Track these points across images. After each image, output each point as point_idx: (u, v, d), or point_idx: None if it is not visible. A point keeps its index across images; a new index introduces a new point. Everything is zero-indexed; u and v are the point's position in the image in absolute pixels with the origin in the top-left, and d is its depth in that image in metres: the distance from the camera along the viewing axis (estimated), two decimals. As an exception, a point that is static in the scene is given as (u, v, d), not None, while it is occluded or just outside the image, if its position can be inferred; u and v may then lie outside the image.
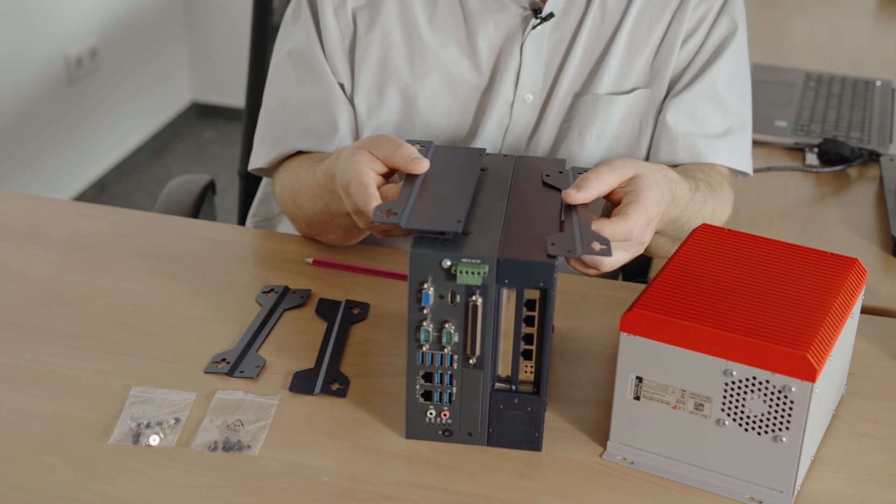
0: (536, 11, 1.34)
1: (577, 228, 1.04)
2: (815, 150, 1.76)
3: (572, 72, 1.37)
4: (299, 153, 1.39)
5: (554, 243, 1.01)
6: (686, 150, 1.37)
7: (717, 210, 1.33)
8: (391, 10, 1.36)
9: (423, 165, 1.09)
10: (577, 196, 1.08)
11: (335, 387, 1.14)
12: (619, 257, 1.11)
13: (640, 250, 1.14)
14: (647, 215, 1.10)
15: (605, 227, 1.07)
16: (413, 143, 1.15)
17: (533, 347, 1.03)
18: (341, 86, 1.38)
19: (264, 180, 1.58)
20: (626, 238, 1.08)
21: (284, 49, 1.41)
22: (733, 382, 0.99)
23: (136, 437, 1.06)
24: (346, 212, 1.23)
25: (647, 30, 1.37)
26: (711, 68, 1.38)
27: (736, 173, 1.43)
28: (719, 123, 1.38)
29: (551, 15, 1.34)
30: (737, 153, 1.40)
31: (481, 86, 1.37)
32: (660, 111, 1.39)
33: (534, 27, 1.34)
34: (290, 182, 1.36)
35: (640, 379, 1.03)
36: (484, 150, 1.18)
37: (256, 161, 1.42)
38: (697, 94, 1.37)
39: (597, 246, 1.01)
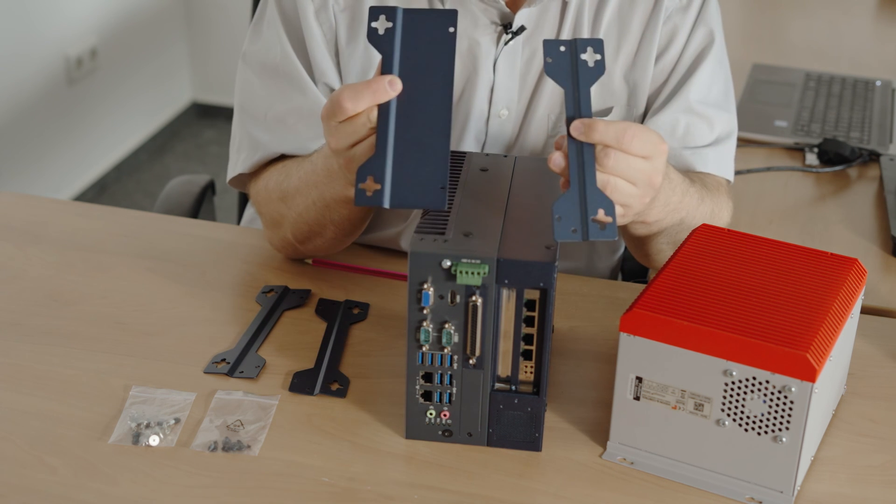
0: (507, 27, 1.32)
1: (578, 190, 0.99)
2: (815, 150, 1.76)
3: (550, 89, 1.35)
4: (281, 158, 1.34)
5: (560, 217, 0.97)
6: (673, 160, 1.34)
7: (715, 212, 1.31)
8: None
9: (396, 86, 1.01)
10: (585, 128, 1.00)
11: (335, 387, 1.14)
12: (628, 202, 1.05)
13: (648, 194, 1.06)
14: (657, 138, 1.04)
15: (597, 123, 1.00)
16: (377, 10, 1.05)
17: (533, 347, 1.03)
18: (331, 89, 1.35)
19: (249, 202, 1.54)
20: (617, 142, 1.01)
21: (256, 59, 1.35)
22: (733, 382, 0.99)
23: (136, 438, 1.06)
24: (341, 198, 1.19)
25: (615, 46, 1.35)
26: (688, 83, 1.35)
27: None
28: (706, 135, 1.36)
29: (522, 28, 1.32)
30: (724, 162, 1.38)
31: (456, 101, 1.34)
32: None
33: (506, 43, 1.32)
34: (278, 182, 1.30)
35: (640, 379, 1.03)
36: (455, 11, 1.06)
37: (235, 168, 1.36)
38: (676, 111, 1.35)
39: (602, 216, 0.97)
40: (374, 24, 1.04)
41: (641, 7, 1.34)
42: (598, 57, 1.03)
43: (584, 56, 1.03)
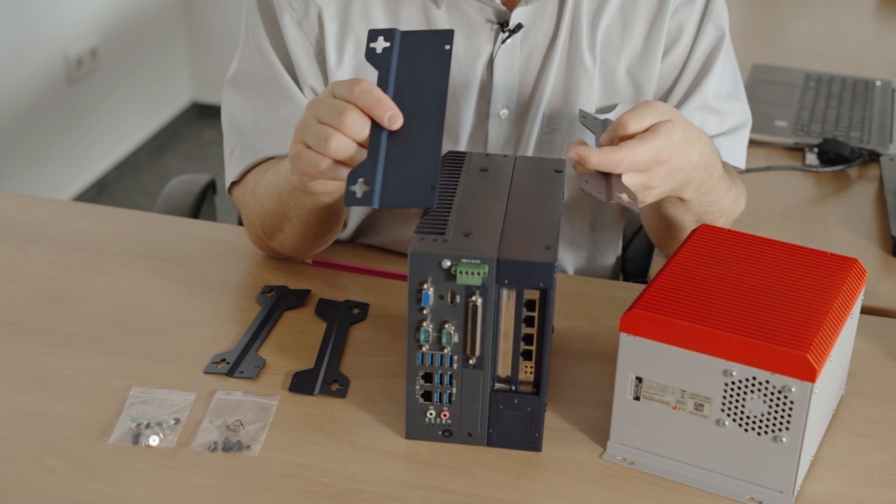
0: (503, 25, 1.31)
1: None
2: (815, 150, 1.76)
3: (550, 87, 1.34)
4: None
5: (587, 181, 1.06)
6: None
7: (738, 199, 1.36)
8: (359, 22, 1.32)
9: (397, 122, 1.05)
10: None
11: (335, 387, 1.14)
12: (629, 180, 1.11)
13: (662, 174, 1.12)
14: (646, 154, 1.09)
15: (591, 155, 1.07)
16: (376, 32, 1.10)
17: (533, 347, 1.03)
18: (314, 91, 1.33)
19: None
20: (609, 167, 1.08)
21: (240, 75, 1.35)
22: (733, 383, 0.99)
23: (136, 438, 1.06)
24: (295, 189, 1.19)
25: (619, 42, 1.34)
26: (704, 81, 1.36)
27: None
28: (717, 127, 1.37)
29: (520, 26, 1.31)
30: (737, 150, 1.40)
31: (452, 102, 1.33)
32: None
33: (503, 41, 1.31)
34: (253, 184, 1.31)
35: (640, 379, 1.03)
36: (451, 31, 1.11)
37: (229, 177, 1.37)
38: (693, 109, 1.35)
39: (625, 198, 1.05)
40: (372, 45, 1.09)
41: (645, 3, 1.34)
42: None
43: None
